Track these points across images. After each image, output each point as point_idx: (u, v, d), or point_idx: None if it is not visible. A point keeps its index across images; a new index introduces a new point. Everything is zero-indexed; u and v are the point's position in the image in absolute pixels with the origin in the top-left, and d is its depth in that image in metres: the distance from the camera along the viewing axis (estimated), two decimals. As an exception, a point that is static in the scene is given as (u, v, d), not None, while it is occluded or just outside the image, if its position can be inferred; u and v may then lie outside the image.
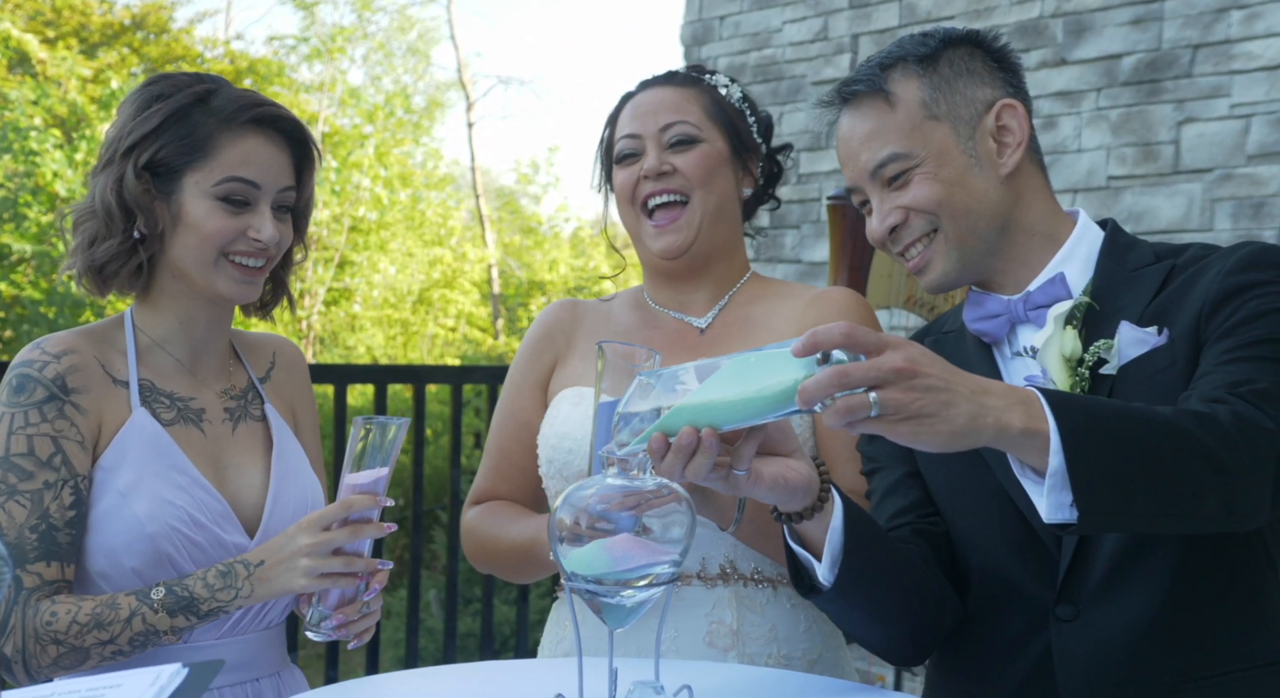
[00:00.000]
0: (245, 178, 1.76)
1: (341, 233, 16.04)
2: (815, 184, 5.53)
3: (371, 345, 16.56)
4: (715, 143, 1.96)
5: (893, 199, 1.69)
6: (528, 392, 2.05)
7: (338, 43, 17.73)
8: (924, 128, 1.68)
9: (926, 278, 1.71)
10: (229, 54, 16.62)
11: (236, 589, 1.65)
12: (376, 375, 4.74)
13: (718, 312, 2.00)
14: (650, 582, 1.35)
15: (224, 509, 1.77)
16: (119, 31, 15.74)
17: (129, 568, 1.71)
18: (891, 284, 3.38)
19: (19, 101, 12.37)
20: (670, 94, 1.98)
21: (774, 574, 1.87)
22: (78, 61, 13.94)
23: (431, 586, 7.91)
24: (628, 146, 1.97)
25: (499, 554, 1.95)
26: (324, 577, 1.62)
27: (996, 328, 1.71)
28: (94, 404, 1.74)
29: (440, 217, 18.08)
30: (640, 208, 1.96)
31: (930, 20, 5.19)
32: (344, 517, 1.62)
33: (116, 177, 1.76)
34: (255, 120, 1.78)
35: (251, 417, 1.90)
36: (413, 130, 18.72)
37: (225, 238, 1.76)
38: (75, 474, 1.71)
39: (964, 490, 1.70)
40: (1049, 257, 1.71)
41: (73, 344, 1.77)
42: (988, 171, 1.68)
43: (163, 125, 1.75)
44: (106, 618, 1.64)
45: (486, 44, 33.79)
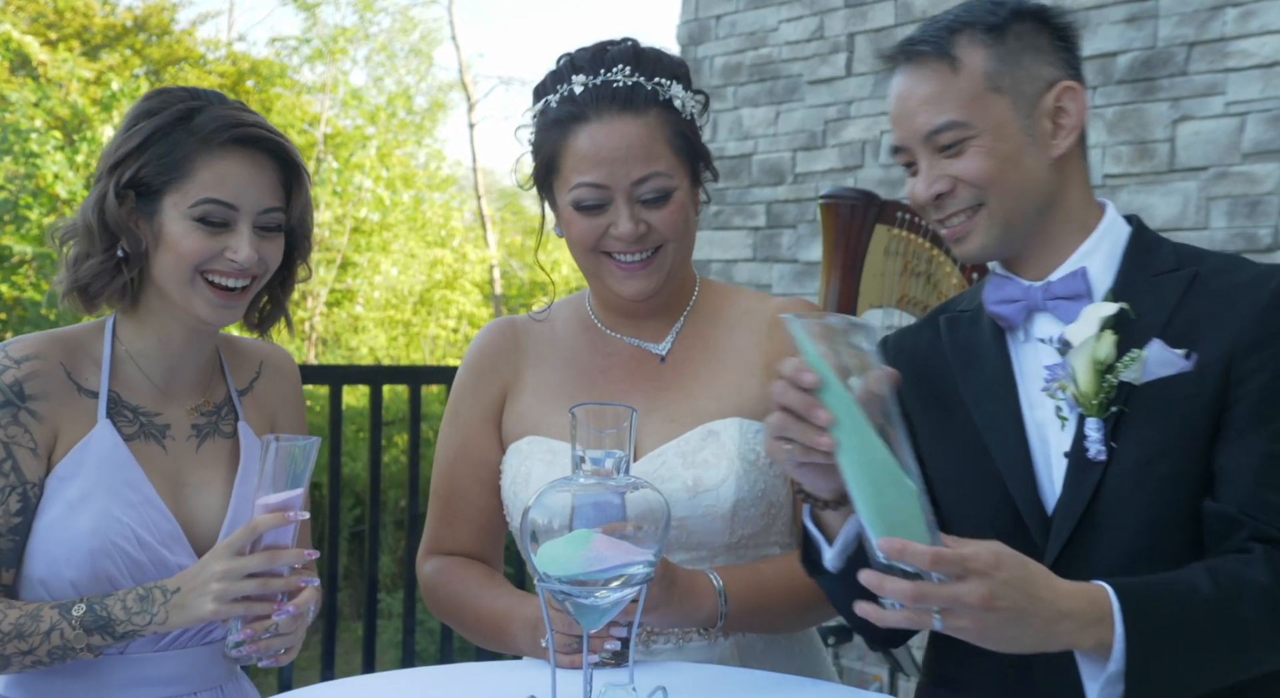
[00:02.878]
0: (222, 199, 1.74)
1: (344, 234, 16.05)
2: (811, 184, 5.52)
3: (374, 347, 16.57)
4: (683, 184, 1.83)
5: (942, 166, 1.67)
6: (479, 427, 1.93)
7: (340, 44, 17.74)
8: (985, 99, 1.65)
9: (963, 248, 1.70)
10: (231, 55, 16.63)
11: (151, 615, 1.64)
12: (373, 376, 4.73)
13: (675, 336, 1.91)
14: (624, 582, 1.35)
15: (173, 530, 1.76)
16: (121, 33, 15.75)
17: (67, 580, 1.70)
18: (884, 283, 3.37)
19: (20, 103, 12.38)
20: (636, 131, 1.77)
21: None
22: (79, 63, 13.94)
23: (431, 586, 7.90)
24: (591, 197, 1.79)
25: (465, 623, 1.88)
26: (235, 603, 1.60)
27: (1014, 313, 1.71)
28: (52, 412, 1.74)
29: (442, 218, 18.09)
30: (601, 252, 1.83)
31: (926, 19, 5.18)
32: (253, 539, 1.60)
33: (100, 195, 1.76)
34: (236, 140, 1.75)
35: (221, 434, 1.88)
36: (415, 131, 18.73)
37: (200, 258, 1.74)
38: (24, 481, 1.71)
39: (962, 479, 1.71)
40: (1077, 244, 1.70)
41: (38, 349, 1.76)
42: (1040, 152, 1.67)
43: (145, 143, 1.75)
44: (28, 629, 1.64)
45: (488, 45, 33.91)
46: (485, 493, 1.92)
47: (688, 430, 1.81)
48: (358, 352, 16.42)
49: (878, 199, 3.36)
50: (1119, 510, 1.59)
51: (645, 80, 1.80)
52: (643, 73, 1.81)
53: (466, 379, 1.97)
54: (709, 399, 1.83)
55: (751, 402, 1.82)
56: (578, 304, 1.99)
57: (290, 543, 1.64)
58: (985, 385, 1.72)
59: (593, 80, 1.79)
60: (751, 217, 5.77)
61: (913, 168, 1.72)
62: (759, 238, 5.73)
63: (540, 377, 1.91)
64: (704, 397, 1.84)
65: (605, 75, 1.79)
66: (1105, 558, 1.58)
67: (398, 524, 9.22)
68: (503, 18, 39.75)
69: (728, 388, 1.84)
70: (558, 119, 1.81)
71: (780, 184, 5.66)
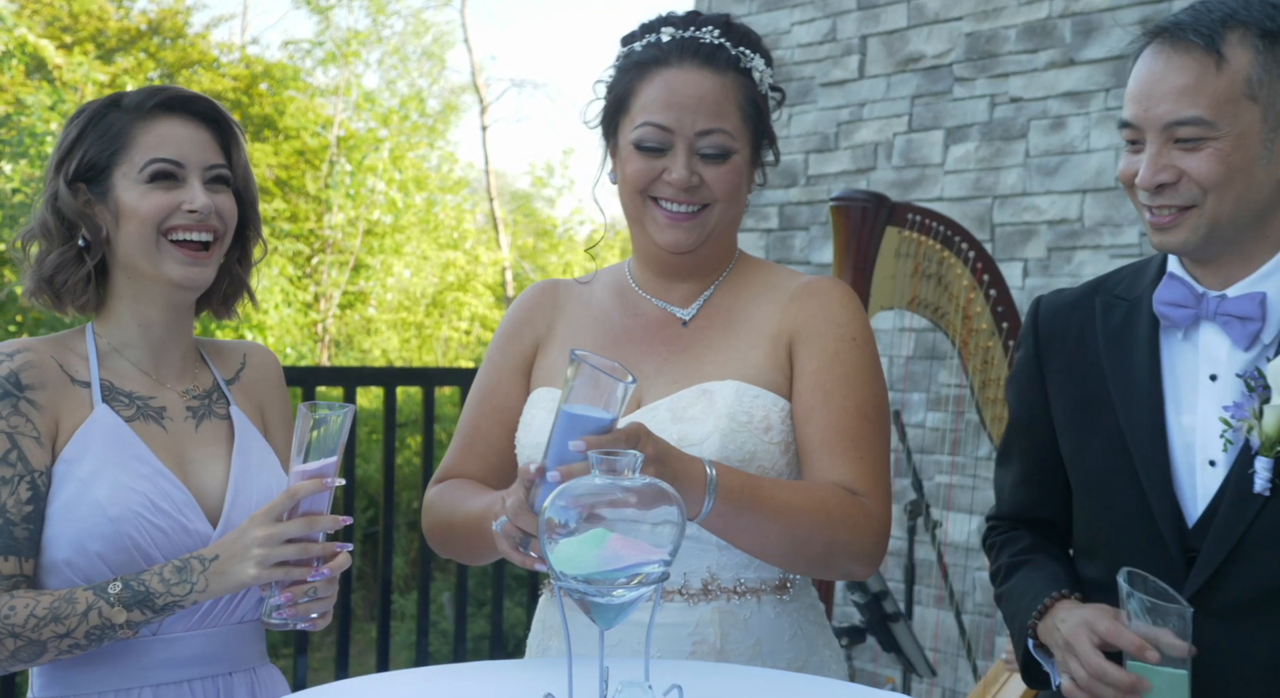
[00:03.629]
0: (167, 157, 1.82)
1: (356, 236, 16.09)
2: (824, 185, 5.53)
3: (386, 349, 16.61)
4: (744, 150, 1.88)
5: (1174, 157, 1.66)
6: (508, 374, 1.99)
7: (352, 47, 17.79)
8: (1239, 104, 1.63)
9: (1164, 238, 1.70)
10: (245, 58, 16.69)
11: (191, 584, 1.68)
12: (386, 378, 4.76)
13: (702, 303, 1.94)
14: (640, 581, 1.36)
15: (186, 498, 1.80)
16: (135, 37, 15.81)
17: (94, 553, 1.73)
18: (895, 286, 3.38)
19: (36, 107, 12.44)
20: (710, 85, 1.83)
21: (757, 584, 1.84)
22: (94, 67, 14.01)
23: (443, 588, 7.92)
24: (653, 138, 1.84)
25: (453, 530, 1.88)
26: (276, 567, 1.65)
27: (1182, 317, 1.73)
28: (50, 401, 1.78)
29: (454, 220, 18.12)
30: (650, 197, 1.87)
31: (938, 21, 5.18)
32: (292, 505, 1.65)
33: (51, 192, 1.83)
34: (164, 105, 1.84)
35: (215, 415, 1.92)
36: (427, 134, 18.76)
37: (160, 213, 1.81)
38: (32, 470, 1.74)
39: (1103, 482, 1.78)
40: (1265, 260, 1.71)
41: (28, 344, 1.82)
42: (1271, 168, 1.66)
43: (83, 133, 1.83)
44: (63, 612, 1.66)
45: (500, 47, 33.90)
46: (504, 435, 1.96)
47: (688, 388, 1.84)
48: (370, 354, 16.47)
49: (889, 201, 3.37)
50: (1275, 548, 1.64)
51: (731, 45, 1.87)
52: (730, 38, 1.87)
53: (504, 329, 2.03)
54: (715, 364, 1.86)
55: (754, 369, 1.84)
56: (618, 270, 2.04)
57: (326, 510, 1.68)
58: (1133, 386, 1.75)
59: (681, 33, 1.87)
60: (764, 218, 5.78)
61: (1136, 145, 1.71)
62: (771, 240, 5.74)
63: (569, 334, 1.96)
64: (711, 362, 1.87)
65: (694, 32, 1.86)
66: (1248, 588, 1.64)
67: (411, 526, 9.24)
68: (515, 20, 39.78)
69: (735, 354, 1.87)
70: (640, 61, 1.88)
71: (793, 186, 5.67)
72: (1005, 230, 4.94)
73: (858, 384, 1.83)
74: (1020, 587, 1.87)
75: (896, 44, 5.34)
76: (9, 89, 13.14)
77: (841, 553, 1.73)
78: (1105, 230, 4.67)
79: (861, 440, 1.80)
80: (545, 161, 25.66)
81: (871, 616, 3.39)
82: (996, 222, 4.96)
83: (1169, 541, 1.69)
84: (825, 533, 1.71)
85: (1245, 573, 1.65)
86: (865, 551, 1.74)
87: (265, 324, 12.95)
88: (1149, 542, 1.71)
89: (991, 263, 3.36)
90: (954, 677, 4.83)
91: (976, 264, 3.34)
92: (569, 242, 20.11)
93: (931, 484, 4.92)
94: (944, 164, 5.13)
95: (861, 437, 1.80)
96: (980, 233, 4.92)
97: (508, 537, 1.56)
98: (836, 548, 1.72)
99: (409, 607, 8.16)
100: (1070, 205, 4.76)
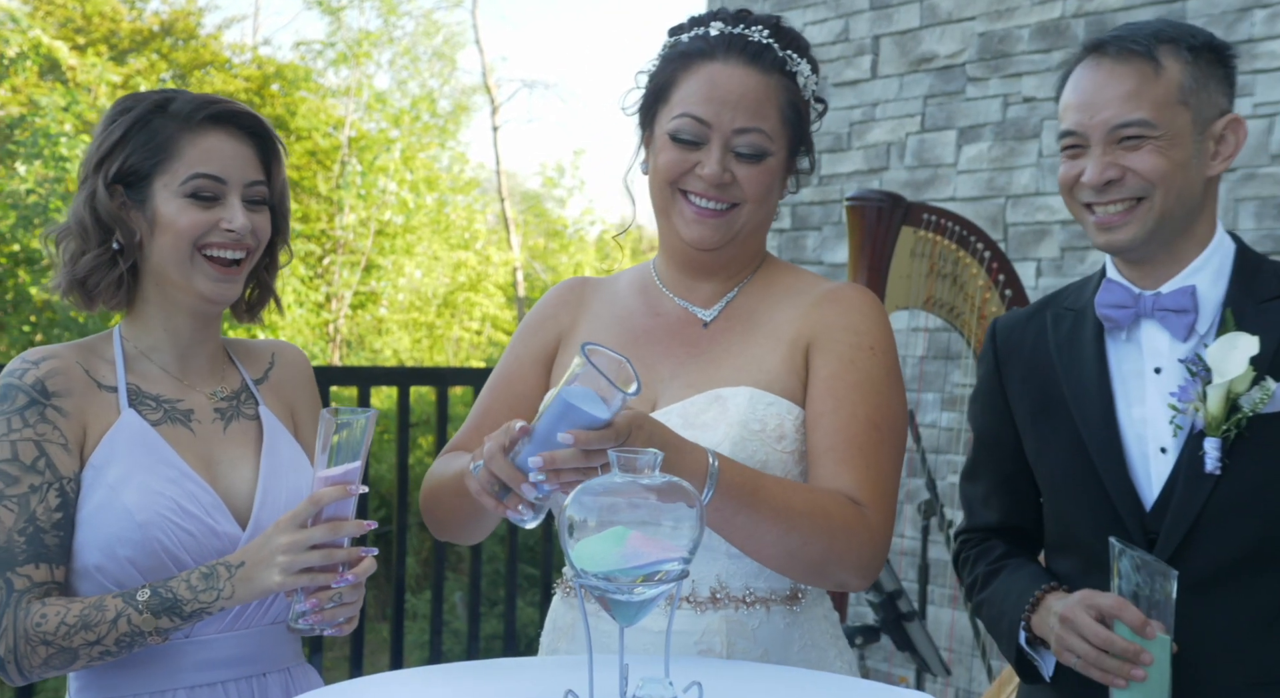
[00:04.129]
0: (210, 173, 1.81)
1: (368, 237, 16.13)
2: (836, 185, 5.53)
3: (398, 349, 16.64)
4: (780, 154, 1.86)
5: (1118, 156, 1.80)
6: (528, 364, 1.97)
7: (364, 48, 17.82)
8: (1174, 108, 1.80)
9: (1114, 236, 1.83)
10: (256, 59, 16.73)
11: (218, 591, 1.68)
12: (400, 378, 4.77)
13: (724, 305, 1.92)
14: (660, 578, 1.36)
15: (214, 500, 1.80)
16: (148, 38, 15.87)
17: (123, 558, 1.73)
18: (910, 285, 3.38)
19: (50, 108, 12.50)
20: (753, 83, 1.81)
21: (766, 593, 1.81)
22: (107, 68, 14.07)
23: (456, 588, 7.94)
24: (689, 131, 1.81)
25: (440, 491, 1.86)
26: (301, 573, 1.64)
27: (1123, 318, 1.87)
28: (77, 407, 1.78)
29: (465, 220, 18.16)
30: (679, 190, 1.85)
31: (951, 21, 5.18)
32: (315, 511, 1.65)
33: (90, 192, 1.82)
34: (213, 118, 1.83)
35: (244, 416, 1.92)
36: (438, 134, 18.80)
37: (198, 231, 1.80)
38: (60, 476, 1.74)
39: (1068, 480, 1.90)
40: (1192, 257, 1.86)
41: (54, 352, 1.82)
42: (1199, 168, 1.83)
43: (127, 135, 1.81)
44: (93, 620, 1.67)
45: (511, 48, 33.91)
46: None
47: (702, 393, 1.82)
48: (381, 354, 16.50)
49: (904, 201, 3.36)
50: (1230, 523, 1.76)
51: (779, 47, 1.85)
52: (779, 40, 1.85)
53: (529, 322, 2.03)
54: (731, 369, 1.84)
55: (770, 375, 1.82)
56: (644, 267, 2.02)
57: (350, 515, 1.68)
58: (1084, 386, 1.88)
59: (730, 29, 1.84)
60: (777, 218, 5.73)
61: (1075, 151, 1.85)
62: (784, 240, 5.74)
63: (590, 331, 1.95)
64: (727, 366, 1.84)
65: (743, 29, 1.84)
66: (1207, 563, 1.76)
67: (423, 526, 9.24)
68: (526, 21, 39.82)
69: (751, 359, 1.84)
70: (684, 52, 1.85)
71: (805, 186, 5.66)
72: (1018, 230, 4.94)
73: (870, 393, 1.79)
74: (1003, 589, 1.95)
75: (909, 44, 5.34)
76: (23, 90, 13.21)
77: (837, 563, 1.69)
78: (1119, 230, 4.66)
79: (869, 450, 1.76)
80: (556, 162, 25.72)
81: (886, 615, 3.39)
82: (1009, 221, 4.96)
83: (1130, 526, 1.81)
84: (822, 541, 1.66)
85: (1203, 550, 1.77)
86: (861, 562, 1.70)
87: (277, 325, 12.99)
88: (1112, 529, 1.82)
89: (1007, 263, 3.36)
90: (968, 677, 4.82)
91: (992, 264, 3.33)
92: (580, 242, 20.12)
93: (945, 484, 4.92)
94: (957, 164, 5.13)
95: (869, 446, 1.76)
96: (993, 233, 4.92)
97: (481, 482, 1.54)
98: (832, 557, 1.68)
99: (422, 607, 8.18)
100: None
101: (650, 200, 1.90)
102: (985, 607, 1.99)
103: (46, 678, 1.75)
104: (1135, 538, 1.80)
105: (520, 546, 5.77)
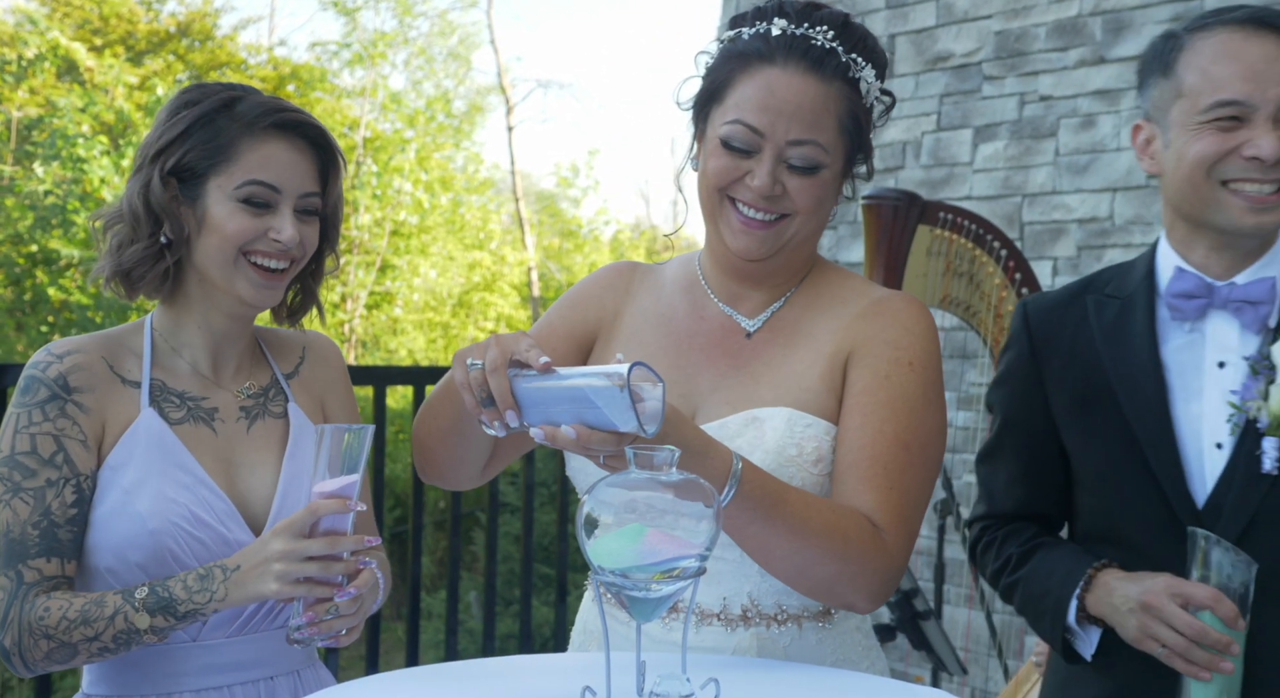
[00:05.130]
0: (266, 181, 1.79)
1: (383, 237, 16.16)
2: (852, 185, 5.51)
3: (412, 348, 16.67)
4: (835, 165, 1.76)
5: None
6: (561, 335, 1.90)
7: (379, 48, 17.87)
8: None
9: (1266, 218, 1.76)
10: (272, 60, 16.79)
11: (211, 592, 1.66)
12: (415, 377, 4.77)
13: (770, 315, 1.84)
14: (677, 575, 1.36)
15: (228, 508, 1.78)
16: (165, 39, 15.94)
17: (134, 563, 1.73)
18: (927, 284, 3.37)
19: (67, 109, 12.56)
20: (813, 93, 1.71)
21: (798, 610, 1.76)
22: (124, 69, 14.13)
23: (471, 587, 7.95)
24: (742, 139, 1.71)
25: (436, 397, 1.80)
26: (298, 584, 1.62)
27: (1194, 308, 1.81)
28: (98, 403, 1.77)
29: (480, 220, 18.19)
30: (728, 198, 1.76)
31: (967, 20, 5.17)
32: (312, 522, 1.62)
33: (144, 182, 1.80)
34: (277, 125, 1.81)
35: (271, 414, 1.90)
36: (453, 134, 18.84)
37: (245, 237, 1.79)
38: (77, 473, 1.74)
39: (1115, 473, 1.84)
40: (1269, 247, 1.82)
41: (79, 345, 1.80)
42: None
43: (189, 130, 1.79)
44: (93, 615, 1.66)
45: (526, 48, 33.96)
46: None
47: (739, 412, 1.76)
48: (396, 354, 16.53)
49: (921, 200, 3.36)
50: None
51: (843, 51, 1.74)
52: (844, 43, 1.74)
53: (571, 296, 1.97)
54: (770, 386, 1.77)
55: (809, 393, 1.75)
56: (688, 261, 1.94)
57: (348, 529, 1.65)
58: (1135, 376, 1.83)
59: (793, 29, 1.73)
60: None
61: (1232, 124, 1.75)
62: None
63: (634, 327, 1.89)
64: (766, 383, 1.78)
65: (807, 29, 1.73)
66: (1264, 564, 1.69)
67: (438, 526, 9.28)
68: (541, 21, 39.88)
69: (791, 374, 1.78)
70: (743, 52, 1.74)
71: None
72: (1034, 229, 4.93)
73: (903, 411, 1.70)
74: (1045, 567, 1.90)
75: (925, 43, 5.32)
76: (41, 92, 13.28)
77: (847, 586, 1.63)
78: (1136, 228, 4.65)
79: (895, 470, 1.67)
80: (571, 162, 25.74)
81: (902, 614, 3.38)
82: (1026, 220, 4.94)
83: (1182, 522, 1.76)
84: (835, 563, 1.60)
85: (1258, 550, 1.70)
86: (871, 589, 1.64)
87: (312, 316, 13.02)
88: (1163, 525, 1.78)
89: (1024, 261, 3.35)
90: (984, 677, 4.81)
91: (1009, 263, 3.33)
92: (595, 241, 20.14)
93: (960, 483, 4.91)
94: (973, 163, 5.12)
95: (896, 466, 1.67)
96: (1010, 231, 4.90)
97: (473, 379, 1.49)
98: (843, 580, 1.62)
99: (437, 606, 8.19)
100: (1100, 204, 4.74)
101: (698, 202, 1.83)
102: (1021, 586, 1.93)
103: (51, 671, 1.75)
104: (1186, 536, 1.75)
105: (535, 545, 5.77)
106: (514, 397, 1.48)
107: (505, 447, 1.88)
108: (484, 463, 1.88)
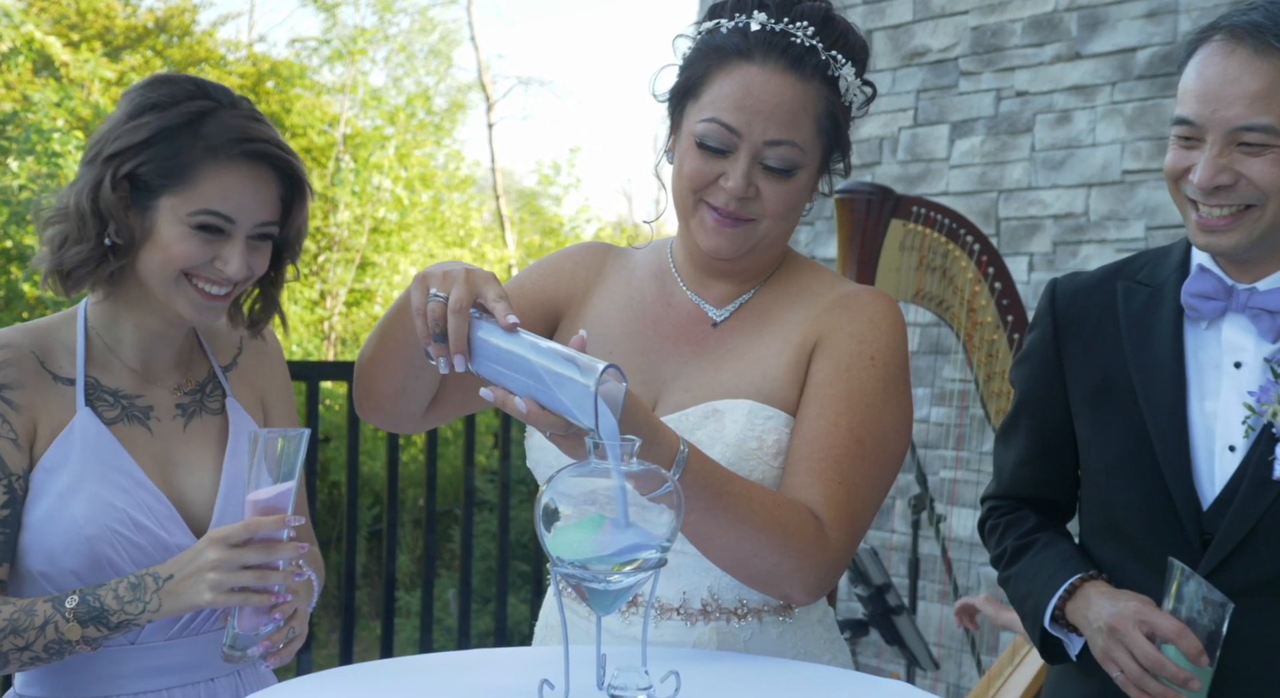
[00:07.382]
0: (221, 212, 1.69)
1: (363, 234, 16.11)
2: (829, 181, 5.51)
3: (392, 346, 16.61)
4: (811, 165, 1.73)
5: (1235, 159, 1.65)
6: (529, 302, 1.85)
7: (359, 44, 17.80)
8: None
9: (1216, 240, 1.70)
10: (251, 56, 16.70)
11: (144, 602, 1.61)
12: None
13: (738, 306, 1.82)
14: (637, 566, 1.35)
15: (168, 511, 1.73)
16: (142, 34, 15.84)
17: (67, 569, 1.68)
18: (900, 278, 3.37)
19: (43, 104, 12.47)
20: (791, 93, 1.67)
21: (759, 604, 1.74)
22: (101, 64, 14.03)
23: (448, 585, 7.93)
24: (718, 138, 1.69)
25: (380, 330, 1.74)
26: (233, 593, 1.58)
27: (1210, 310, 1.75)
28: (29, 401, 1.71)
29: (461, 218, 18.13)
30: (702, 199, 1.73)
31: (944, 15, 5.17)
32: (248, 538, 1.58)
33: (94, 181, 1.70)
34: (245, 155, 1.71)
35: (208, 411, 1.84)
36: (434, 132, 18.77)
37: (190, 263, 1.70)
38: (8, 473, 1.68)
39: (1122, 466, 1.80)
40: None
41: (7, 340, 1.73)
42: None
43: (149, 140, 1.69)
44: (22, 624, 1.61)
45: (507, 45, 33.91)
46: None
47: (700, 403, 1.74)
48: (377, 351, 16.47)
49: (894, 194, 3.36)
50: None
51: (824, 48, 1.70)
52: (824, 39, 1.71)
53: (547, 263, 1.94)
54: (733, 373, 1.75)
55: (772, 384, 1.73)
56: (660, 248, 1.92)
57: (284, 537, 1.61)
58: (1156, 372, 1.78)
59: (772, 24, 1.70)
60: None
61: (1188, 143, 1.70)
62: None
63: (600, 310, 1.86)
64: (730, 371, 1.76)
65: (787, 25, 1.70)
66: (1262, 571, 1.68)
67: (415, 523, 9.25)
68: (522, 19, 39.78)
69: (755, 362, 1.76)
70: (721, 46, 1.71)
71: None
72: (1011, 225, 4.93)
73: (860, 405, 1.68)
74: (1031, 569, 1.89)
75: (902, 38, 5.32)
76: (16, 86, 13.18)
77: (785, 579, 1.61)
78: (1111, 224, 4.66)
79: (845, 465, 1.64)
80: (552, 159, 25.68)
81: (874, 609, 3.38)
82: (1002, 216, 4.94)
83: (1186, 523, 1.73)
84: (774, 555, 1.58)
85: (1259, 556, 1.68)
86: (808, 583, 1.62)
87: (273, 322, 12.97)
88: (1165, 524, 1.75)
89: (997, 256, 3.35)
90: (958, 672, 4.81)
91: (981, 257, 3.32)
92: (575, 239, 20.10)
93: (935, 479, 4.91)
94: (949, 158, 5.12)
95: (847, 461, 1.64)
96: (986, 227, 4.91)
97: (431, 311, 1.46)
98: (782, 573, 1.60)
99: (413, 604, 8.16)
100: (1076, 199, 4.75)
101: (672, 196, 1.80)
102: (1013, 583, 1.93)
103: None
104: (1189, 536, 1.72)
105: (513, 542, 5.75)
106: (469, 343, 1.44)
107: (452, 394, 1.83)
108: (427, 402, 1.82)
